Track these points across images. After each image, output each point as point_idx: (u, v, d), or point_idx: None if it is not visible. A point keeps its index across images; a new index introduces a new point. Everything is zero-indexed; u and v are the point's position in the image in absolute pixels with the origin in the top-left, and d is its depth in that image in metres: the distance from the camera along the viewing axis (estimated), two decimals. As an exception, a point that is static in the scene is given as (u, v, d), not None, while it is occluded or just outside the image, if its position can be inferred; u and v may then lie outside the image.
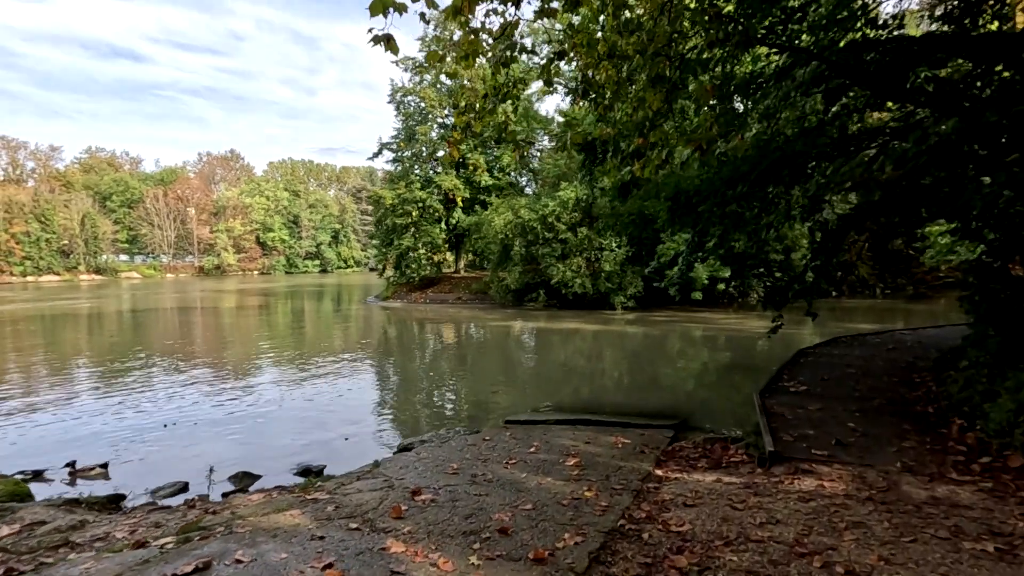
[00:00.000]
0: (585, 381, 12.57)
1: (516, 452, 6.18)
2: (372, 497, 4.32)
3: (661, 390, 11.74)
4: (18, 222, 78.80)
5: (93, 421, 9.20)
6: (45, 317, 28.65)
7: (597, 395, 11.23)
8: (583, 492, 4.56)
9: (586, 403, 10.44)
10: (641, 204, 7.78)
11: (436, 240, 32.78)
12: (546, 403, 10.20)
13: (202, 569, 3.11)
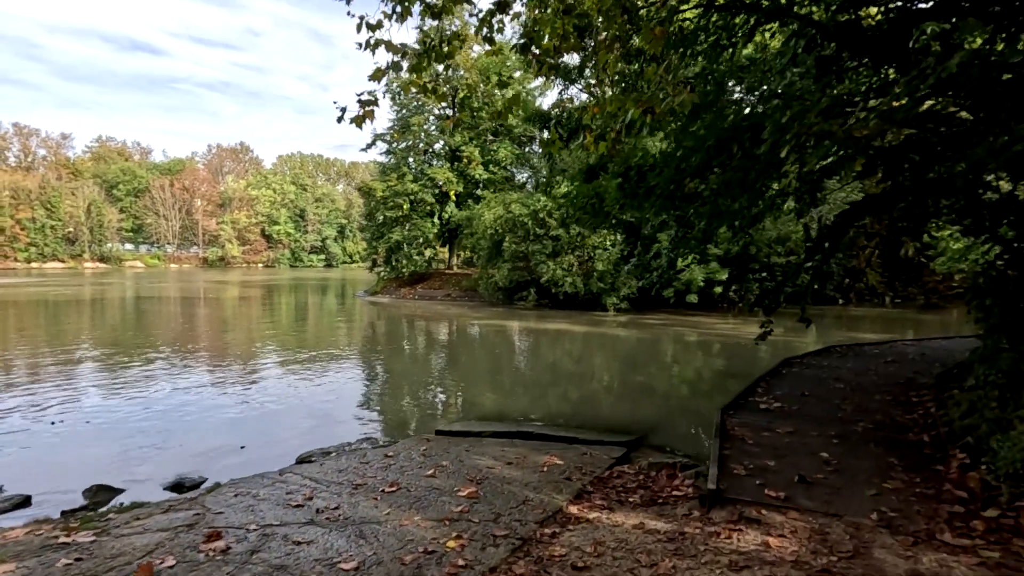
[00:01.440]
0: (556, 386, 11.44)
1: (411, 474, 5.08)
2: (148, 542, 3.24)
3: (632, 398, 10.58)
4: (24, 208, 78.95)
5: (-18, 416, 8.22)
6: (19, 303, 28.00)
7: (562, 401, 10.10)
8: (446, 542, 3.44)
9: (546, 410, 9.33)
10: (597, 185, 6.73)
11: (427, 234, 31.74)
12: (502, 410, 9.12)
13: None
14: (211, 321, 22.65)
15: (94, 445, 7.17)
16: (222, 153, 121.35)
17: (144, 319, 22.75)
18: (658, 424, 8.50)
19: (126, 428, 7.84)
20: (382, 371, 13.02)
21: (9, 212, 78.19)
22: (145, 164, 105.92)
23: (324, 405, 9.52)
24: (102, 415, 8.44)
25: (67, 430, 7.61)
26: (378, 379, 12.18)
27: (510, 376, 12.63)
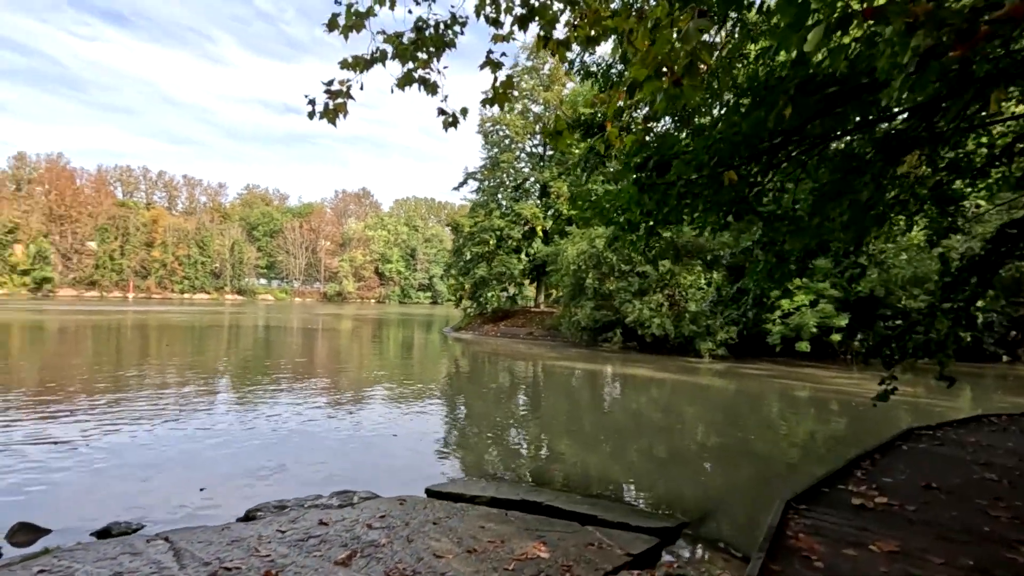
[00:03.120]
0: (616, 440, 9.70)
1: (324, 554, 3.84)
2: None
3: (701, 464, 8.56)
4: (182, 247, 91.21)
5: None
6: (173, 327, 31.23)
7: (614, 459, 8.38)
8: None
9: (591, 468, 7.71)
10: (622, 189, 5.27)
11: (512, 271, 31.03)
12: (542, 463, 7.66)
13: None
14: (307, 351, 23.38)
15: (110, 473, 6.77)
16: (346, 198, 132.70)
17: (255, 345, 24.07)
18: (721, 504, 6.55)
19: (162, 453, 7.45)
20: (435, 409, 11.93)
21: (171, 250, 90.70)
22: (281, 208, 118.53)
23: (374, 441, 8.64)
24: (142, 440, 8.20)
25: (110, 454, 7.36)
26: (427, 418, 11.08)
27: (565, 425, 11.02)
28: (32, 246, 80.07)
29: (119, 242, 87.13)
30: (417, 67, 5.53)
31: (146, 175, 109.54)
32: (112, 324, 32.67)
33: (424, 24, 5.49)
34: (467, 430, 10.38)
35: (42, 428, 8.70)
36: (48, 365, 16.37)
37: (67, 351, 20.24)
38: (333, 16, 4.98)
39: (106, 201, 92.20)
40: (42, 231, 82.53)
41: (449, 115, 5.72)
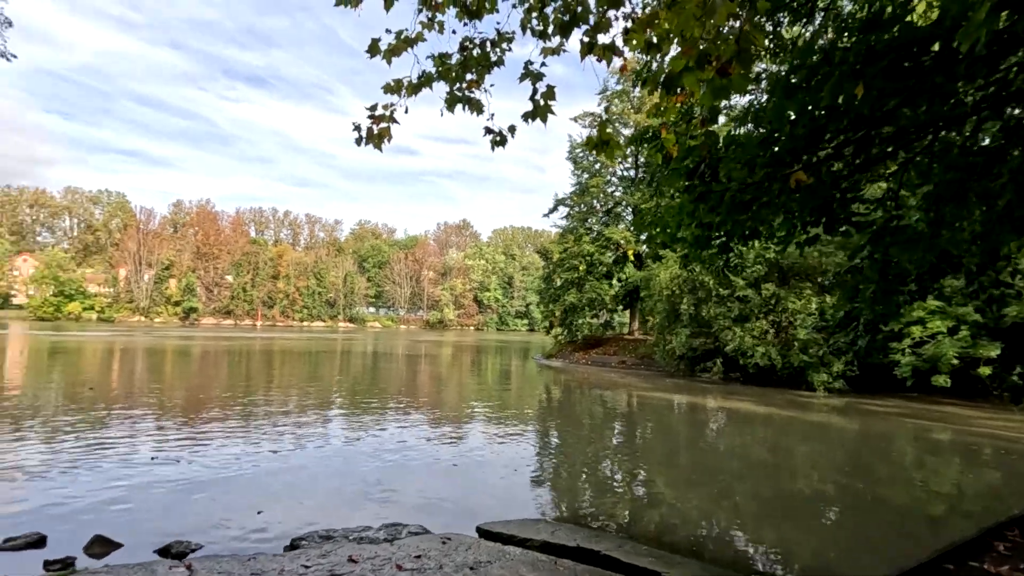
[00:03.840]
0: (713, 483, 8.79)
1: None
2: None
3: (812, 517, 7.39)
4: (302, 279, 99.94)
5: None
6: (293, 352, 34.09)
7: (710, 506, 7.53)
8: None
9: (682, 515, 6.95)
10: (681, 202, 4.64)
11: (603, 296, 30.17)
12: (614, 505, 7.08)
13: None
14: (410, 377, 24.22)
15: (189, 491, 7.23)
16: (448, 229, 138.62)
17: (363, 370, 25.44)
18: (837, 565, 5.53)
19: (242, 475, 7.88)
20: (523, 440, 11.50)
21: (293, 282, 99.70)
22: (389, 241, 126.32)
23: (439, 467, 8.56)
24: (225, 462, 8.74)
25: (177, 476, 7.93)
26: (514, 448, 10.69)
27: (660, 462, 10.18)
28: (183, 280, 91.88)
29: (250, 275, 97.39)
30: (468, 87, 5.44)
31: (275, 215, 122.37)
32: (242, 349, 36.17)
33: (471, 44, 5.39)
34: (556, 463, 9.95)
35: (154, 443, 9.51)
36: (188, 385, 18.24)
37: (204, 373, 22.53)
38: (373, 41, 4.99)
39: (241, 239, 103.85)
40: (191, 267, 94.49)
41: (496, 133, 5.52)
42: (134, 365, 24.44)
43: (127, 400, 14.32)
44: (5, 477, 7.41)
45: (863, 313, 7.06)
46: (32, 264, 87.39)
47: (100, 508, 6.35)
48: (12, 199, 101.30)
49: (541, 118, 4.86)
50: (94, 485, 7.14)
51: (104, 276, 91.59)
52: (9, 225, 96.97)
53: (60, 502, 6.50)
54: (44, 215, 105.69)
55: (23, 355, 27.45)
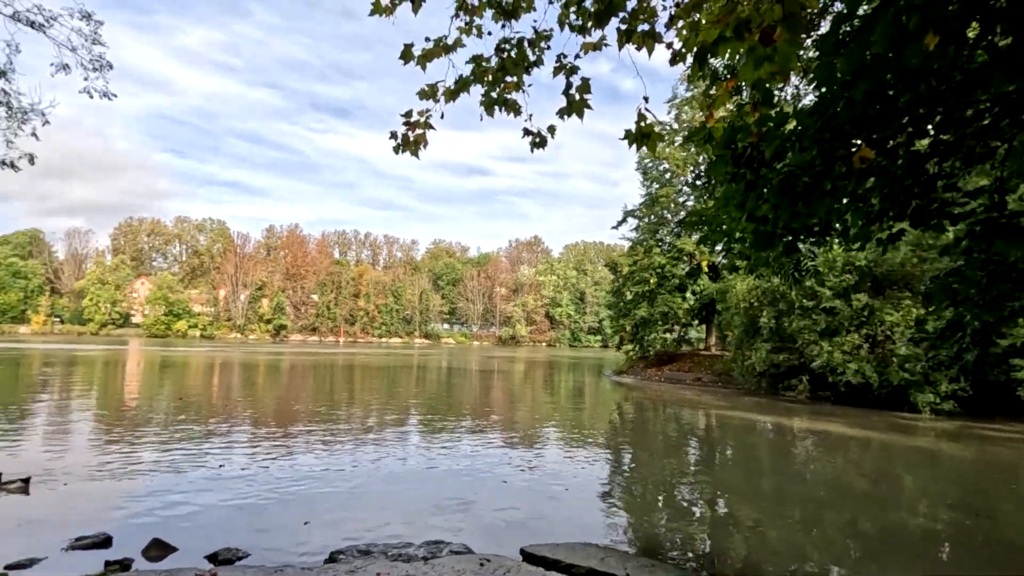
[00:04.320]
0: (803, 512, 8.01)
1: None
2: None
3: (923, 554, 6.44)
4: (380, 296, 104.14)
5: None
6: (391, 367, 35.51)
7: (799, 537, 6.82)
8: None
9: (768, 545, 6.32)
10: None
11: (676, 310, 28.88)
12: (683, 537, 6.57)
13: None
14: (483, 392, 24.38)
15: (243, 497, 7.48)
16: (519, 246, 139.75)
17: (438, 384, 25.96)
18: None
19: (302, 485, 8.10)
20: (592, 458, 10.99)
21: (373, 300, 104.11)
22: (462, 259, 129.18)
23: (499, 482, 8.38)
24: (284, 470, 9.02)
25: (241, 480, 8.24)
26: (579, 465, 10.28)
27: (740, 487, 9.40)
28: (274, 299, 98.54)
29: (334, 294, 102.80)
30: (506, 89, 5.30)
31: (356, 237, 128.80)
32: (324, 364, 37.99)
33: (508, 45, 5.24)
34: (625, 484, 9.45)
35: (227, 452, 9.98)
36: (270, 397, 19.29)
37: (286, 386, 23.78)
38: (406, 48, 4.95)
39: (326, 261, 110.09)
40: (281, 287, 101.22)
41: (535, 134, 5.32)
42: (224, 378, 26.22)
43: (211, 410, 15.27)
44: (89, 477, 7.98)
45: (969, 322, 6.15)
46: (148, 287, 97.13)
47: (165, 512, 6.65)
48: (134, 229, 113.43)
49: (577, 114, 4.60)
50: (165, 489, 7.52)
51: (206, 296, 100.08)
52: (131, 252, 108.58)
53: (131, 504, 6.88)
54: (159, 242, 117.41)
55: (139, 367, 30.30)
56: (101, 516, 6.37)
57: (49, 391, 18.66)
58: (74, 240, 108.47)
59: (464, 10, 5.32)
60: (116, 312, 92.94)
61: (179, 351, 48.90)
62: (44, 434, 11.38)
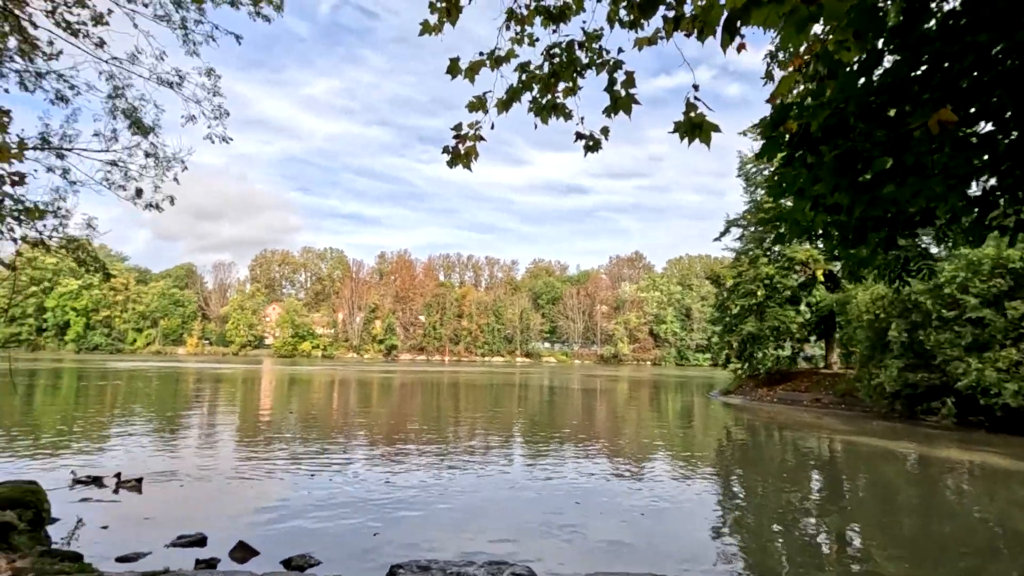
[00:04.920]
0: (962, 561, 6.90)
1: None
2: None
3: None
4: (482, 316, 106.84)
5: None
6: (492, 385, 36.66)
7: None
8: None
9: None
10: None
11: (788, 324, 26.40)
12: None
13: None
14: (586, 411, 24.10)
15: (331, 508, 7.88)
16: (620, 263, 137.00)
17: (541, 403, 26.10)
18: None
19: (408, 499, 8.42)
20: (703, 485, 10.17)
21: (475, 320, 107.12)
22: (561, 277, 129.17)
23: (593, 507, 8.15)
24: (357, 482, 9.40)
25: (326, 490, 8.70)
26: (675, 491, 9.70)
27: (878, 526, 8.29)
28: (385, 321, 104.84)
29: (439, 315, 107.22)
30: (556, 94, 5.21)
31: (459, 259, 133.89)
32: (432, 381, 39.57)
33: (558, 49, 5.15)
34: (740, 515, 8.52)
35: (323, 462, 10.59)
36: (376, 411, 20.41)
37: (392, 401, 25.05)
38: (452, 62, 5.00)
39: (431, 283, 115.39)
40: (391, 309, 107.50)
41: (587, 138, 5.13)
42: (337, 394, 28.12)
43: (322, 423, 16.37)
44: (200, 479, 8.80)
45: None
46: (278, 311, 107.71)
47: (257, 517, 7.12)
48: (267, 260, 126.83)
49: (624, 110, 4.35)
50: (262, 495, 8.09)
51: (327, 319, 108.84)
52: (265, 281, 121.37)
53: (231, 506, 7.47)
54: (288, 271, 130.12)
55: (270, 383, 33.51)
56: (203, 516, 6.96)
57: (192, 403, 21.15)
58: (220, 272, 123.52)
59: (514, 20, 5.30)
60: (252, 334, 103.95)
61: (303, 370, 53.37)
62: (173, 439, 12.83)
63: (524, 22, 5.24)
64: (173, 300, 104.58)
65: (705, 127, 3.95)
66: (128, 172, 13.39)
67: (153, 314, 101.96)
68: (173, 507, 7.34)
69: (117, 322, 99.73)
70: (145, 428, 14.34)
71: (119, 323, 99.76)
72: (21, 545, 4.31)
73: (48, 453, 10.58)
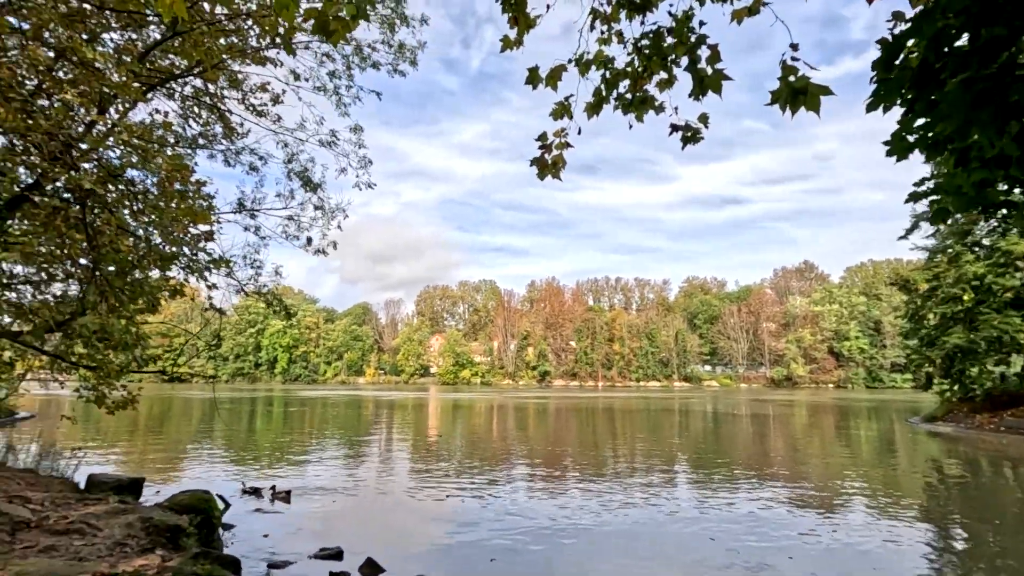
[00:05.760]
0: None
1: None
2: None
3: None
4: (635, 340, 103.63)
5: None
6: (651, 411, 35.85)
7: None
8: None
9: None
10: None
11: (1012, 334, 21.09)
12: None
13: None
14: (758, 441, 22.16)
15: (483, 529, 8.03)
16: (787, 274, 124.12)
17: (704, 430, 24.62)
18: None
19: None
20: (883, 530, 8.50)
21: (627, 344, 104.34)
22: (719, 295, 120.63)
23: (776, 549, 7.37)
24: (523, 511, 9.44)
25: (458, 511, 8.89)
26: (866, 540, 8.05)
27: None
28: (537, 348, 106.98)
29: (589, 340, 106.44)
30: (658, 88, 4.91)
31: (607, 283, 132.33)
32: (585, 407, 39.13)
33: (647, 39, 4.84)
34: (964, 571, 6.93)
35: (465, 483, 10.87)
36: (526, 437, 20.75)
37: (543, 426, 25.27)
38: (532, 72, 4.91)
39: (580, 308, 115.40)
40: (542, 336, 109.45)
41: (684, 128, 4.68)
42: (492, 420, 29.08)
43: (463, 446, 16.96)
44: (348, 494, 9.50)
45: None
46: (440, 342, 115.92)
47: (391, 535, 7.45)
48: (430, 295, 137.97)
49: (713, 89, 3.83)
50: (404, 512, 8.48)
51: (483, 348, 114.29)
52: (428, 314, 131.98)
53: (371, 522, 7.93)
54: (448, 304, 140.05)
55: (436, 409, 36.04)
56: (348, 530, 7.48)
57: (365, 427, 23.40)
58: (391, 308, 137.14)
59: (600, 19, 5.10)
60: (419, 363, 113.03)
61: (464, 396, 56.39)
62: (342, 457, 14.18)
63: (610, 19, 4.99)
64: (353, 336, 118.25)
65: (811, 91, 3.27)
66: (300, 224, 15.48)
67: (339, 348, 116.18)
68: (325, 520, 8.01)
69: (312, 356, 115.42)
70: (319, 447, 16.13)
71: (313, 357, 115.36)
72: (187, 546, 4.97)
73: (236, 466, 12.37)
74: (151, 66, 11.45)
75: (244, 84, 13.77)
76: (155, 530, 4.78)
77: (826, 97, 3.15)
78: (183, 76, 12.41)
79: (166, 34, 10.60)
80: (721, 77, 3.82)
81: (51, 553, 3.76)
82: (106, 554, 3.92)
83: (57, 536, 4.18)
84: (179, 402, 34.82)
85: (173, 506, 5.88)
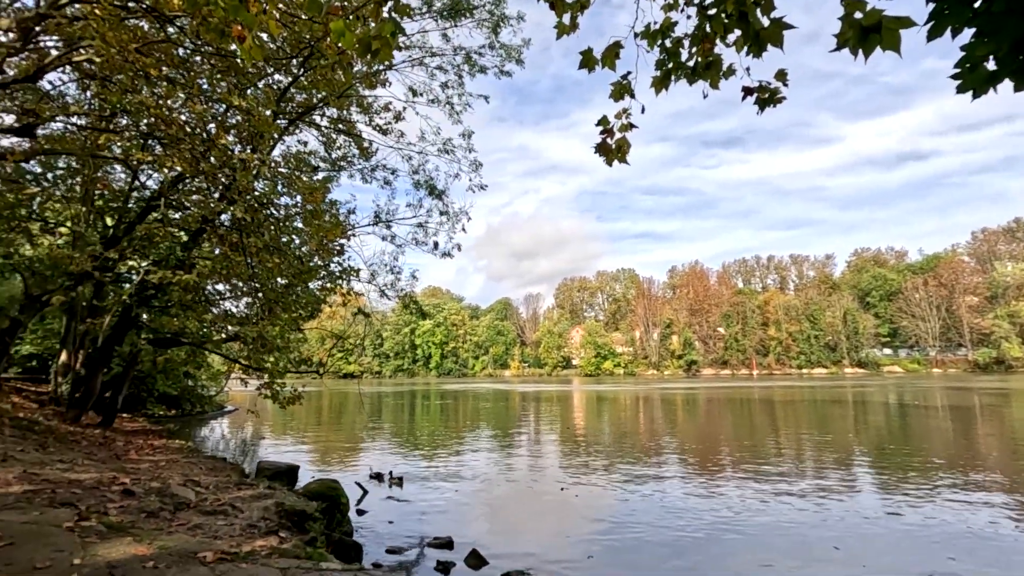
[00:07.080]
0: None
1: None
2: None
3: None
4: (794, 323, 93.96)
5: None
6: (816, 402, 33.22)
7: None
8: None
9: None
10: None
11: None
12: None
13: None
14: (943, 434, 19.35)
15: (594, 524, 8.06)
16: (990, 237, 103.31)
17: (888, 426, 22.08)
18: None
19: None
20: None
21: (784, 327, 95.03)
22: (898, 267, 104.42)
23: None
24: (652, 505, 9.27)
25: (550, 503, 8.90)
26: None
27: None
28: (682, 335, 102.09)
29: (740, 325, 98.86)
30: (735, 48, 4.52)
31: (758, 262, 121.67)
32: (739, 398, 36.13)
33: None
34: None
35: (585, 478, 10.85)
36: (670, 431, 20.14)
37: (698, 421, 24.26)
38: (585, 54, 4.75)
39: (727, 292, 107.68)
40: (687, 323, 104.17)
41: (757, 89, 4.23)
42: (634, 413, 28.51)
43: (599, 438, 16.82)
44: (480, 483, 9.95)
45: None
46: (580, 334, 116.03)
47: (501, 526, 7.70)
48: (569, 287, 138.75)
49: (772, 42, 3.34)
50: (517, 504, 8.72)
51: (625, 338, 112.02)
52: (568, 307, 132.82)
53: (484, 512, 8.25)
54: (586, 295, 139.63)
55: (580, 402, 36.42)
56: (466, 519, 7.90)
57: (509, 419, 24.37)
58: (531, 302, 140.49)
59: (662, -13, 4.78)
60: (561, 356, 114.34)
61: (607, 388, 55.86)
62: (475, 448, 14.91)
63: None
64: (497, 331, 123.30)
65: (886, 27, 2.66)
66: (428, 230, 16.55)
67: (484, 343, 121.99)
68: (446, 510, 8.53)
69: (461, 351, 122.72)
70: (463, 439, 17.15)
71: (462, 352, 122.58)
72: (312, 529, 5.64)
73: (389, 456, 13.64)
74: (291, 102, 13.03)
75: (371, 108, 15.08)
76: (285, 514, 5.50)
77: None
78: (316, 107, 13.93)
79: (297, 73, 11.98)
80: (780, 27, 3.32)
81: (195, 531, 4.54)
82: (237, 534, 4.62)
83: (206, 516, 5.04)
84: (353, 397, 39.29)
85: (306, 493, 6.71)
